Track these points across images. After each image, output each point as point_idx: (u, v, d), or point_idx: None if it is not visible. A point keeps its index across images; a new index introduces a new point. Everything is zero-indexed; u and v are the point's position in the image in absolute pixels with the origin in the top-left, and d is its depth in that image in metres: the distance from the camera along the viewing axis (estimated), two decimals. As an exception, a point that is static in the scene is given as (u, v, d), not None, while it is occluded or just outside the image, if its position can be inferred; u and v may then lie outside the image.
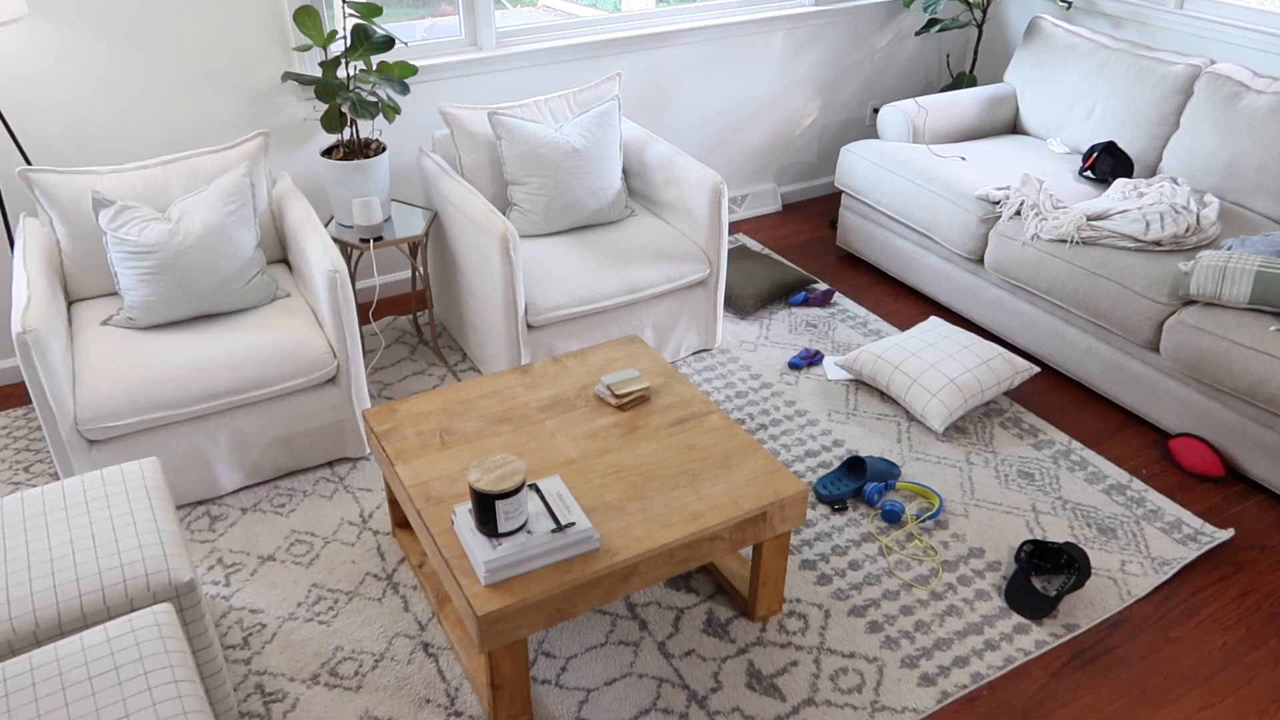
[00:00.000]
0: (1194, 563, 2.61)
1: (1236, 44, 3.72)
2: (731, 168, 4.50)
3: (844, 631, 2.39)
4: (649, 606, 2.45)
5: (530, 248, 3.23)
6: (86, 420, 2.49)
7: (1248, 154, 3.34)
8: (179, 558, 1.95)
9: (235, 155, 2.94)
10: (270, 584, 2.51)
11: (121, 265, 2.69)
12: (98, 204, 2.70)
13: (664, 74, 4.08)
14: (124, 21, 3.02)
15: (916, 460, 2.97)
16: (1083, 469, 2.94)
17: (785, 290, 3.81)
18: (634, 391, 2.47)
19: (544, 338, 3.11)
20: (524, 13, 3.93)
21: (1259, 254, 2.90)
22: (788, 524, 2.23)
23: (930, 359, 3.12)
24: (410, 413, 2.45)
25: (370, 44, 3.04)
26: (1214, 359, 2.78)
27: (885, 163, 3.81)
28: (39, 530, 1.98)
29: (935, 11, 4.26)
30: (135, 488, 2.10)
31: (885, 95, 4.73)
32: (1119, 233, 3.14)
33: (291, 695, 2.21)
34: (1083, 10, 4.22)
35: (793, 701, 2.21)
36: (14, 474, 2.89)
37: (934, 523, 2.73)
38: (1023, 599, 2.45)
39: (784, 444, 3.03)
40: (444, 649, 2.33)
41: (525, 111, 3.34)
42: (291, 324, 2.79)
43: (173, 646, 1.71)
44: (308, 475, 2.89)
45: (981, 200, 3.47)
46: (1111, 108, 3.75)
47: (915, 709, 2.20)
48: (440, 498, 2.17)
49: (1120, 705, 2.22)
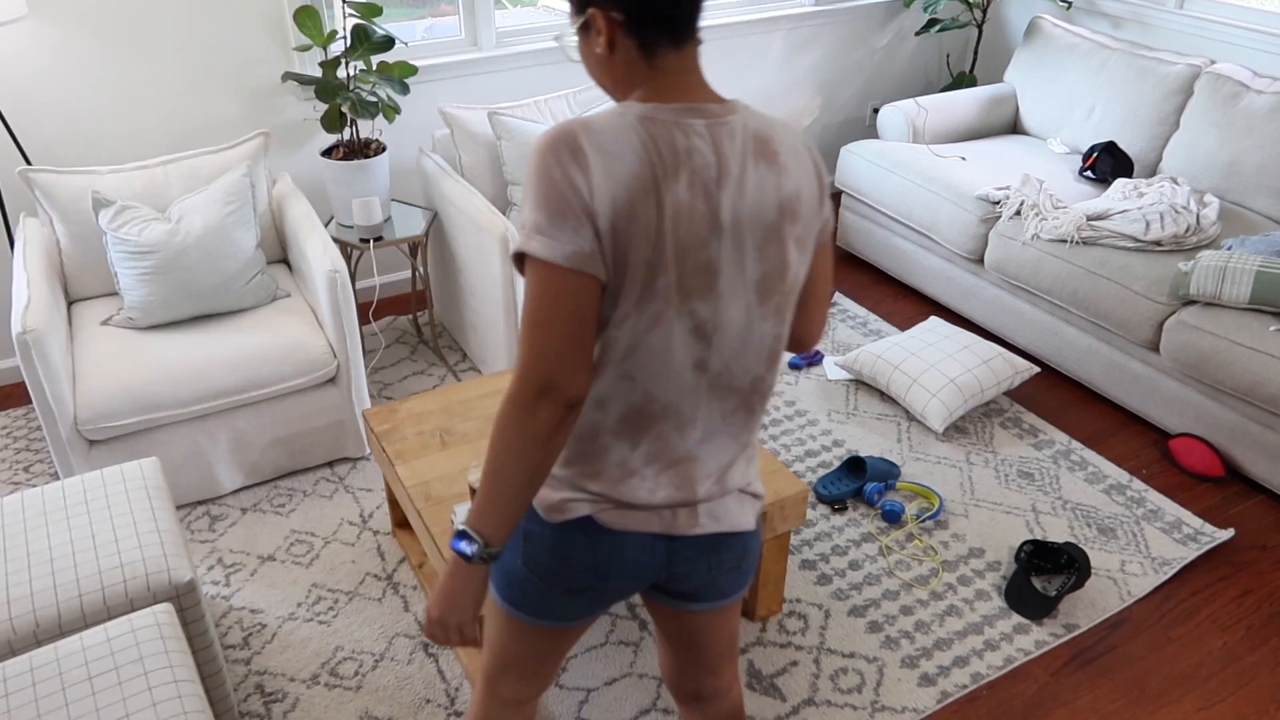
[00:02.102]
0: (1194, 563, 2.61)
1: (1236, 44, 3.72)
2: (731, 168, 4.49)
3: (844, 631, 2.39)
4: (649, 606, 2.45)
5: (530, 248, 3.23)
6: (86, 420, 2.49)
7: (1248, 154, 3.34)
8: (179, 558, 1.95)
9: (235, 155, 2.94)
10: (270, 584, 2.51)
11: (121, 265, 2.69)
12: (98, 204, 2.70)
13: (664, 74, 4.07)
14: (124, 21, 3.02)
15: (916, 460, 2.97)
16: (1083, 469, 2.94)
17: (785, 290, 3.80)
18: (634, 391, 2.46)
19: (544, 338, 3.11)
20: (524, 13, 3.93)
21: (1259, 254, 2.90)
22: (788, 524, 2.23)
23: (930, 359, 3.12)
24: (410, 413, 2.45)
25: (370, 44, 3.04)
26: (1214, 359, 2.78)
27: (885, 163, 3.81)
28: (39, 530, 1.98)
29: (935, 11, 4.26)
30: (135, 488, 2.10)
31: (885, 95, 4.73)
32: (1119, 233, 3.15)
33: (291, 695, 2.22)
34: (1083, 10, 4.22)
35: (793, 701, 2.21)
36: (14, 474, 2.89)
37: (934, 523, 2.73)
38: (1023, 599, 2.45)
39: (784, 444, 3.04)
40: (444, 649, 2.33)
41: (525, 111, 3.34)
42: (291, 324, 2.79)
43: (173, 646, 1.71)
44: (308, 475, 2.89)
45: (981, 200, 3.47)
46: (1111, 108, 3.75)
47: (915, 709, 2.20)
48: (440, 498, 2.17)
49: (1120, 705, 2.22)
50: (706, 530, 1.36)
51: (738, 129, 1.23)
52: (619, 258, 1.17)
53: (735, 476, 1.38)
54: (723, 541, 1.40)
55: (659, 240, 1.18)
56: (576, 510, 1.31)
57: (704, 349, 1.26)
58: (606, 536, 1.33)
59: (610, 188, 1.15)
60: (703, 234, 1.20)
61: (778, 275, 1.27)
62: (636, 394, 1.27)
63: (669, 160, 1.18)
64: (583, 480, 1.31)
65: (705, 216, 1.20)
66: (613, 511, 1.32)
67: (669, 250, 1.19)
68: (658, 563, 1.36)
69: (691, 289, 1.22)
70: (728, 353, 1.28)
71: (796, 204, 1.26)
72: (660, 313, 1.22)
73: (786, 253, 1.27)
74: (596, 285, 1.17)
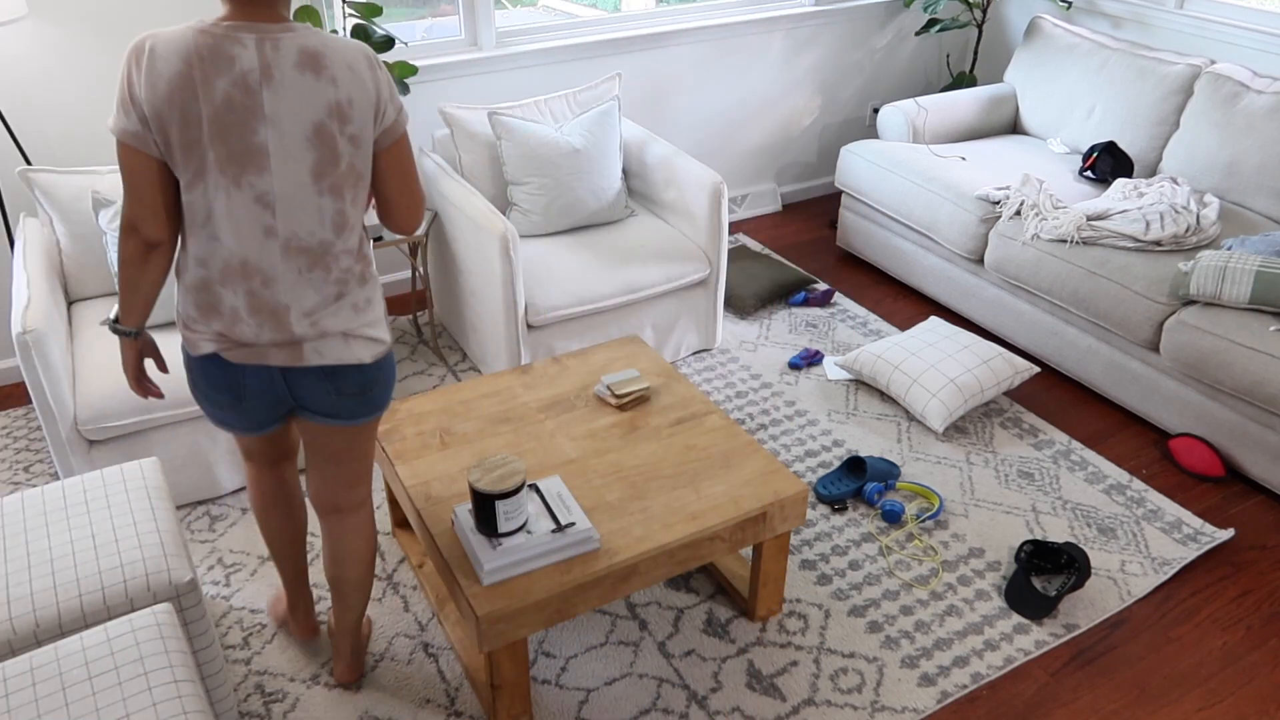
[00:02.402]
0: (1194, 563, 2.61)
1: (1236, 44, 3.72)
2: (731, 168, 4.50)
3: (844, 631, 2.39)
4: (649, 606, 2.45)
5: (530, 248, 3.23)
6: (86, 420, 2.49)
7: (1248, 154, 3.34)
8: (179, 558, 1.95)
9: (235, 155, 2.94)
10: (271, 584, 2.51)
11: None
12: (98, 204, 2.70)
13: (664, 74, 4.08)
14: (124, 21, 3.02)
15: (916, 460, 2.97)
16: (1083, 469, 2.94)
17: (785, 290, 3.81)
18: (634, 392, 2.47)
19: (544, 338, 3.11)
20: (524, 13, 3.93)
21: (1259, 254, 2.90)
22: (788, 524, 2.23)
23: (930, 359, 3.12)
24: (410, 413, 2.45)
25: (371, 44, 3.04)
26: (1214, 359, 2.78)
27: (885, 163, 3.81)
28: (39, 530, 1.98)
29: (935, 11, 4.26)
30: (135, 488, 2.10)
31: (885, 95, 4.73)
32: (1119, 233, 3.15)
33: (291, 695, 2.22)
34: (1083, 10, 4.22)
35: (793, 701, 2.21)
36: (14, 474, 2.89)
37: (934, 523, 2.73)
38: (1023, 599, 2.45)
39: (784, 444, 3.04)
40: (444, 649, 2.33)
41: (525, 111, 3.34)
42: (291, 324, 2.78)
43: (173, 646, 1.71)
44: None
45: (981, 200, 3.47)
46: (1111, 108, 3.75)
47: (915, 709, 2.20)
48: (440, 498, 2.17)
49: (1120, 705, 2.22)
50: (313, 363, 1.79)
51: (286, 44, 1.60)
52: (164, 137, 1.60)
53: (332, 321, 1.78)
54: (338, 372, 1.82)
55: (199, 124, 1.59)
56: (205, 347, 1.76)
57: (270, 216, 1.67)
58: (234, 368, 1.79)
59: (152, 82, 1.56)
60: (246, 121, 1.60)
61: (330, 161, 1.67)
62: (225, 252, 1.69)
63: (210, 64, 1.57)
64: (209, 322, 1.74)
65: (247, 108, 1.59)
66: (235, 350, 1.76)
67: (207, 132, 1.59)
68: (280, 389, 1.83)
69: (244, 165, 1.62)
70: (293, 221, 1.69)
71: (348, 109, 1.65)
72: (218, 183, 1.63)
73: (338, 145, 1.66)
74: (152, 159, 1.63)
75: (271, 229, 1.68)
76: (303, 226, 1.69)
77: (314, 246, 1.72)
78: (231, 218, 1.66)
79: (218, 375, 1.80)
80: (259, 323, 1.73)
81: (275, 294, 1.72)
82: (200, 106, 1.57)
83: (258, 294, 1.71)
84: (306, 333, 1.76)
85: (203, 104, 1.57)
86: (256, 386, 1.81)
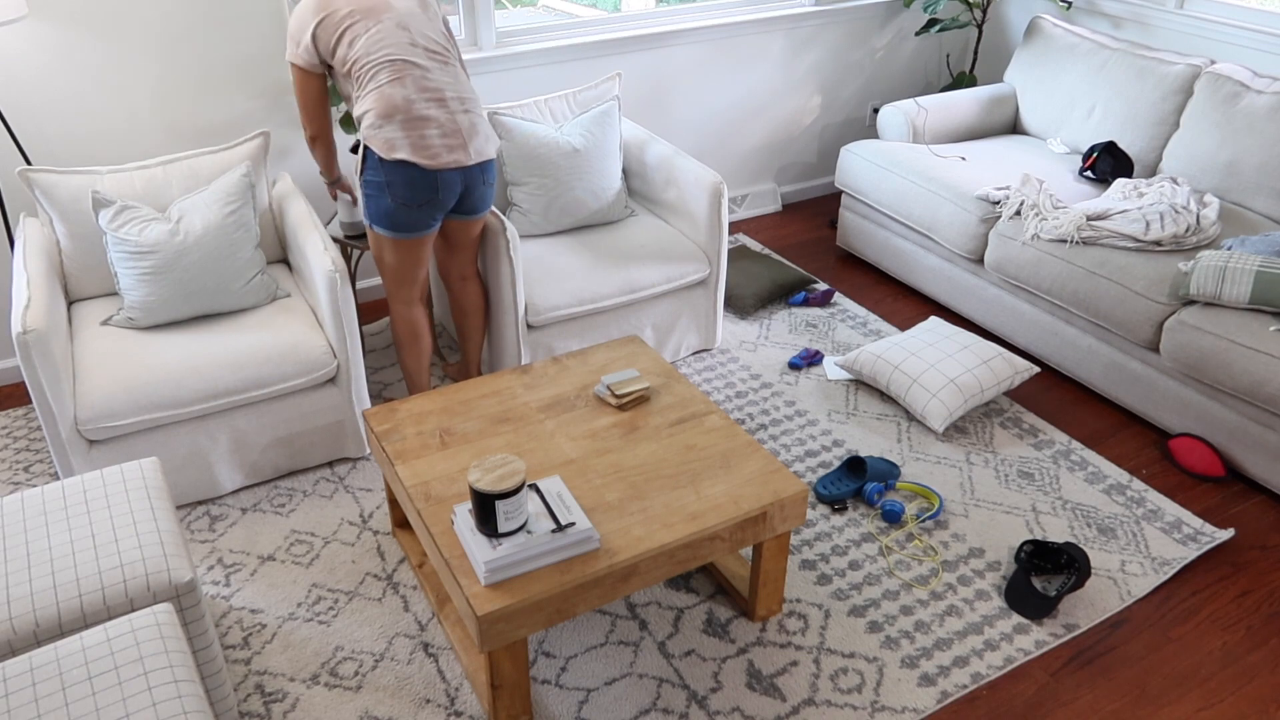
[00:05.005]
0: (1194, 563, 2.61)
1: (1236, 44, 3.72)
2: (731, 168, 4.50)
3: (844, 631, 2.39)
4: (649, 606, 2.45)
5: (530, 248, 3.23)
6: (86, 420, 2.49)
7: (1248, 154, 3.34)
8: (179, 558, 1.95)
9: (235, 155, 2.94)
10: (270, 584, 2.51)
11: (121, 265, 2.69)
12: (98, 204, 2.70)
13: (664, 74, 4.08)
14: (124, 21, 3.02)
15: (916, 460, 2.97)
16: (1083, 469, 2.94)
17: (785, 290, 3.81)
18: (634, 392, 2.47)
19: (544, 338, 3.11)
20: (524, 13, 3.93)
21: (1259, 254, 2.90)
22: (788, 524, 2.23)
23: (930, 359, 3.12)
24: (410, 413, 2.45)
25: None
26: (1214, 359, 2.78)
27: (885, 163, 3.81)
28: (39, 530, 1.98)
29: (935, 11, 4.26)
30: (135, 488, 2.10)
31: (885, 95, 4.73)
32: (1119, 233, 3.15)
33: (291, 695, 2.22)
34: (1083, 10, 4.22)
35: (793, 701, 2.21)
36: (14, 474, 2.89)
37: (934, 523, 2.73)
38: (1023, 599, 2.45)
39: (784, 444, 3.04)
40: (444, 649, 2.33)
41: (525, 111, 3.34)
42: (291, 324, 2.79)
43: (173, 646, 1.71)
44: (308, 475, 2.89)
45: (981, 200, 3.47)
46: (1111, 108, 3.75)
47: (915, 709, 2.20)
48: (440, 498, 2.17)
49: (1120, 705, 2.22)
50: (474, 161, 2.62)
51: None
52: (325, 50, 2.60)
53: (481, 125, 2.65)
54: (488, 165, 2.69)
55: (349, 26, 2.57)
56: (401, 153, 2.51)
57: (409, 36, 2.58)
58: (433, 173, 2.55)
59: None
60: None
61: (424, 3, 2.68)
62: (398, 93, 2.54)
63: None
64: (408, 137, 2.54)
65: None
66: (427, 160, 2.54)
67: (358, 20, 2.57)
68: (459, 185, 2.63)
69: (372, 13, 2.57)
70: (419, 36, 2.61)
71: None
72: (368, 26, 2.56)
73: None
74: (318, 75, 2.69)
75: (415, 44, 2.58)
76: (423, 36, 2.61)
77: (439, 49, 2.62)
78: (383, 40, 2.54)
79: (420, 180, 2.55)
80: (444, 139, 2.55)
81: (443, 114, 2.55)
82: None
83: (429, 121, 2.53)
84: (471, 137, 2.59)
85: None
86: (449, 182, 2.59)
